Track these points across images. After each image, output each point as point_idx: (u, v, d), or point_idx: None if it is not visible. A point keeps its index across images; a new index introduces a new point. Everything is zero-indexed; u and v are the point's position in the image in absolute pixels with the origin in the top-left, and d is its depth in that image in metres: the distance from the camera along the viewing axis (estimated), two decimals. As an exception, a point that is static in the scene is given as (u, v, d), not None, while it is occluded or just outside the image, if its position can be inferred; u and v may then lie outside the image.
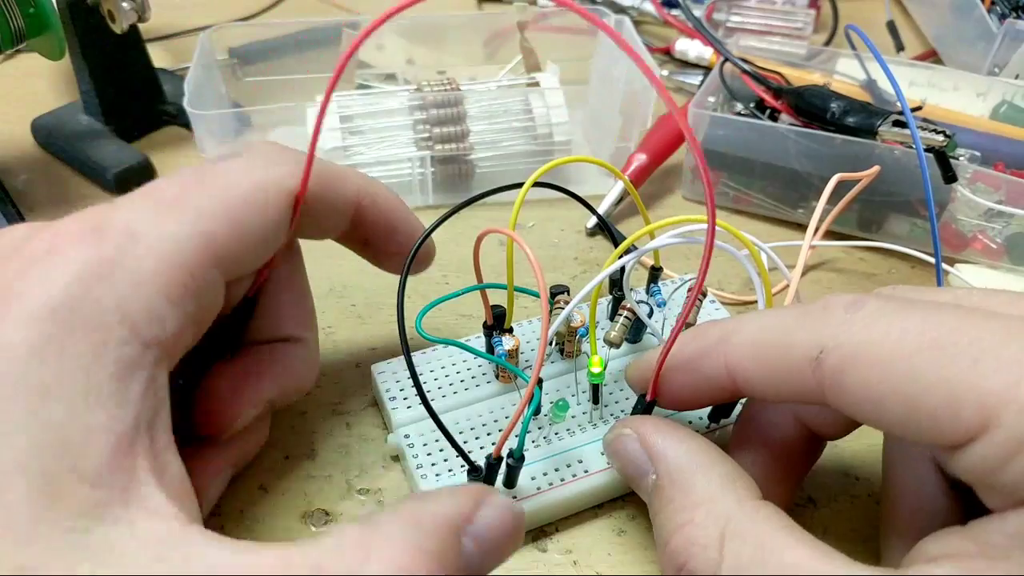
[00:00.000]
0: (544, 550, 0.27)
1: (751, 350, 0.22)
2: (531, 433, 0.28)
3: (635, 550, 0.27)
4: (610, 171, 0.29)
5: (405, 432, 0.28)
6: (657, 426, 0.24)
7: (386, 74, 0.50)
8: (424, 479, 0.27)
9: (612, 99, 0.43)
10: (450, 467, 0.27)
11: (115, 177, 0.43)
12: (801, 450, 0.25)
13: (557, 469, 0.28)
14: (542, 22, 0.50)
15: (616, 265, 0.27)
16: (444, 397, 0.30)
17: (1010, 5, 0.53)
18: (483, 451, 0.28)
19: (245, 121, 0.45)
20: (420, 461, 0.28)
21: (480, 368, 0.31)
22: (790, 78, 0.46)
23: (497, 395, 0.30)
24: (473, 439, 0.29)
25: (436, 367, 0.31)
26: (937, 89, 0.47)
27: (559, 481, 0.27)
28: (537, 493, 0.27)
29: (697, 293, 0.24)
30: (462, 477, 0.27)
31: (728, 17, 0.60)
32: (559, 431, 0.29)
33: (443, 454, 0.28)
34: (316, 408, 0.31)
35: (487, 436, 0.29)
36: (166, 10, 0.59)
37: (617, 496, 0.28)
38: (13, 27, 0.38)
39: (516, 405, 0.28)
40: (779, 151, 0.41)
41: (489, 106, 0.43)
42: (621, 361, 0.31)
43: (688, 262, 0.39)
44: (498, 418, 0.29)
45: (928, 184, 0.33)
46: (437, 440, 0.28)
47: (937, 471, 0.23)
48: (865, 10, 0.64)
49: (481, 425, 0.29)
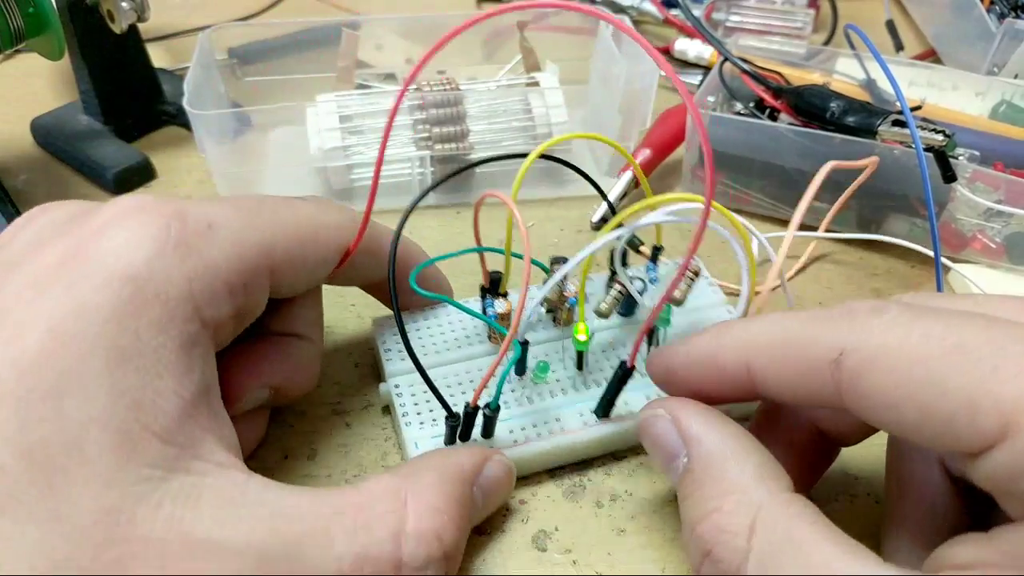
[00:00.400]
0: (544, 550, 0.27)
1: (771, 349, 0.22)
2: (515, 392, 0.30)
3: (635, 550, 0.27)
4: (617, 150, 0.29)
5: (396, 382, 0.30)
6: (694, 409, 0.24)
7: (386, 74, 0.50)
8: (408, 426, 0.29)
9: (612, 99, 0.43)
10: (434, 418, 0.29)
11: (115, 177, 0.43)
12: (815, 454, 0.26)
13: (535, 425, 0.29)
14: (542, 22, 0.50)
15: (611, 236, 0.27)
16: (437, 353, 0.31)
17: (1009, 5, 0.53)
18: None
19: (245, 121, 0.45)
20: (407, 410, 0.29)
21: (475, 329, 0.32)
22: (789, 78, 0.46)
23: (487, 355, 0.31)
24: (459, 393, 0.30)
25: (433, 325, 0.32)
26: (936, 89, 0.47)
27: (535, 436, 0.28)
28: (513, 445, 0.28)
29: (684, 268, 0.25)
30: (439, 428, 0.28)
31: (727, 17, 0.60)
32: (541, 392, 0.30)
33: (428, 405, 0.29)
34: (316, 408, 0.31)
35: (472, 391, 0.30)
36: (166, 10, 0.59)
37: (590, 457, 0.30)
38: (13, 27, 0.38)
39: (503, 365, 0.29)
40: (778, 150, 0.41)
41: (489, 106, 0.43)
42: (611, 332, 0.32)
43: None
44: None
45: (927, 183, 0.33)
46: (424, 392, 0.29)
47: (943, 471, 0.23)
48: (865, 10, 0.64)
49: (469, 381, 0.30)
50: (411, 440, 0.28)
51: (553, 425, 0.29)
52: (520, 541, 0.27)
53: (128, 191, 0.23)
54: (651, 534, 0.27)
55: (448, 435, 0.28)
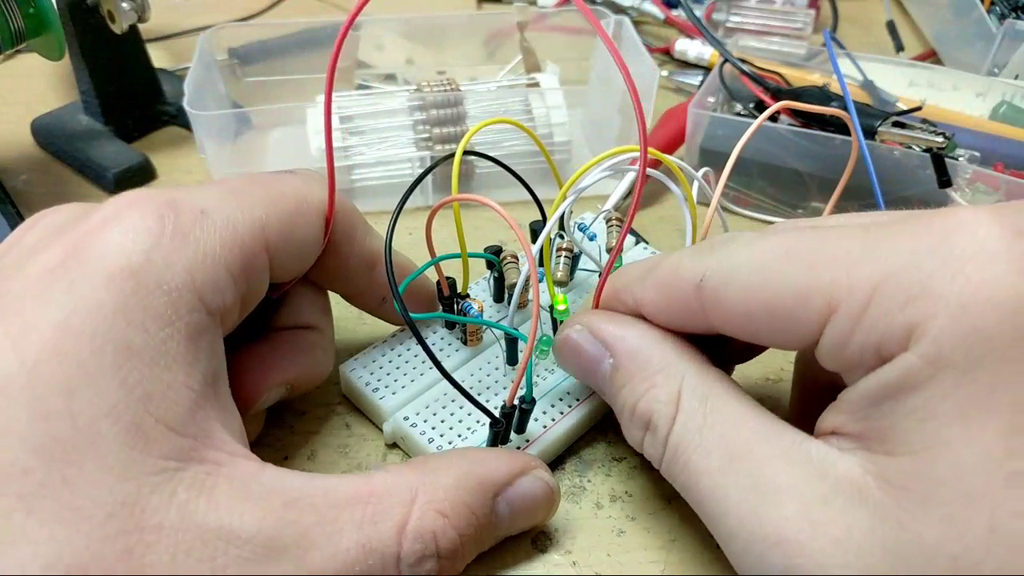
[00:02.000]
0: (544, 550, 0.27)
1: (651, 284, 0.25)
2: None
3: (635, 550, 0.27)
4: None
5: (403, 415, 0.29)
6: (606, 316, 0.26)
7: (386, 74, 0.50)
8: (440, 450, 0.28)
9: (612, 99, 0.43)
10: (458, 432, 0.28)
11: (115, 177, 0.43)
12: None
13: (553, 406, 0.29)
14: (542, 23, 0.50)
15: (567, 203, 0.29)
16: (422, 375, 0.30)
17: (1010, 5, 0.53)
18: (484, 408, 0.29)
19: (245, 121, 0.45)
20: (430, 436, 0.28)
21: (445, 340, 0.32)
22: (789, 78, 0.46)
23: (470, 359, 0.31)
24: (465, 402, 0.29)
25: (402, 351, 0.31)
26: (937, 89, 0.47)
27: (559, 415, 0.29)
28: (544, 432, 0.29)
29: (631, 220, 0.26)
30: (474, 438, 0.28)
31: (728, 17, 0.60)
32: (542, 373, 0.31)
33: (445, 424, 0.29)
34: (316, 408, 0.31)
35: (480, 396, 0.29)
36: (166, 10, 0.59)
37: (601, 419, 0.31)
38: (13, 27, 0.38)
39: (491, 363, 0.31)
40: (778, 151, 0.41)
41: (489, 106, 0.43)
42: (569, 298, 0.33)
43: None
44: (481, 378, 0.30)
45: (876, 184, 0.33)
46: (435, 413, 0.29)
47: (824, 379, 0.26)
48: (865, 10, 0.65)
49: (470, 388, 0.30)
50: None
51: (568, 400, 0.30)
52: (520, 541, 0.27)
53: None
54: (651, 535, 0.27)
55: (491, 442, 0.27)
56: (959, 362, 0.18)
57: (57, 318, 0.20)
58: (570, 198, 0.29)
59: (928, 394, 0.19)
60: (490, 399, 0.30)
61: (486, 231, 0.41)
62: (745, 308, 0.22)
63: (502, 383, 0.30)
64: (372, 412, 0.30)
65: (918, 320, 0.19)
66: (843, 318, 0.20)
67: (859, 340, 0.20)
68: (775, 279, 0.21)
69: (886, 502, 0.19)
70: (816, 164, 0.40)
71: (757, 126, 0.28)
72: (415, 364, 0.31)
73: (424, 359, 0.31)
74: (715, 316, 0.23)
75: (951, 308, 0.18)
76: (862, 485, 0.20)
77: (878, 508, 0.19)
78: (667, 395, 0.24)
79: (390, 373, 0.30)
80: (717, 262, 0.23)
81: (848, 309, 0.20)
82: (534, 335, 0.25)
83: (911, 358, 0.19)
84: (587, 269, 0.35)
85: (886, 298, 0.19)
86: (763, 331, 0.22)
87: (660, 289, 0.25)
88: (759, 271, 0.22)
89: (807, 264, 0.21)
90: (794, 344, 0.22)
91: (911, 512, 0.19)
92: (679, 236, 0.41)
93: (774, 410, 0.23)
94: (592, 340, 0.26)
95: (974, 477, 0.18)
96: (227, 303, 0.23)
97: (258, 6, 0.63)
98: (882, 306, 0.19)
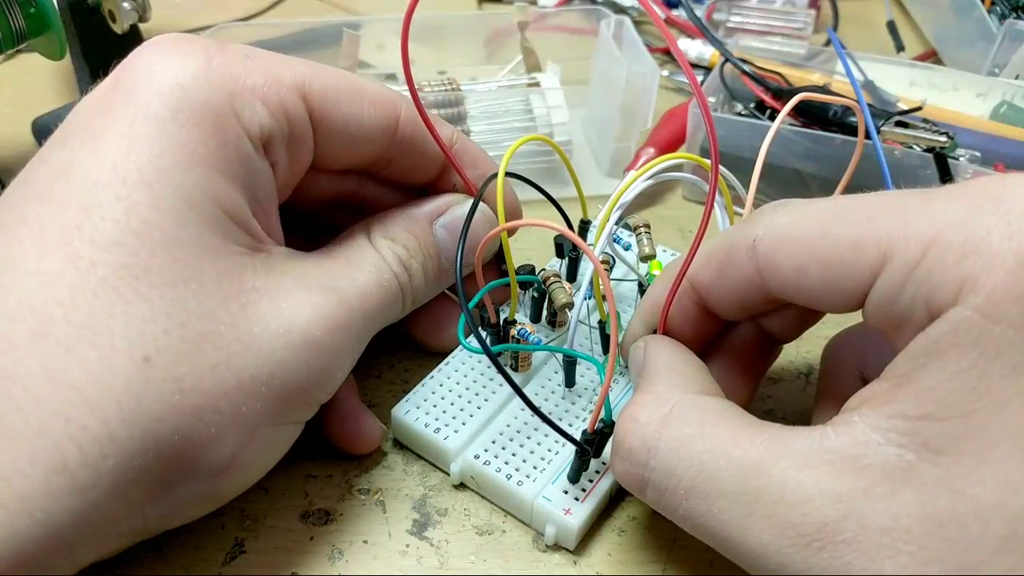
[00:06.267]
0: (544, 550, 0.27)
1: (703, 261, 0.25)
2: (565, 400, 0.30)
3: (635, 550, 0.27)
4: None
5: (473, 453, 0.28)
6: (658, 339, 0.27)
7: (386, 74, 0.50)
8: (521, 485, 0.27)
9: (612, 99, 0.43)
10: (533, 463, 0.28)
11: (115, 177, 0.43)
12: (757, 355, 0.28)
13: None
14: (543, 22, 0.50)
15: (609, 227, 0.29)
16: (479, 408, 0.29)
17: (1010, 5, 0.53)
18: (549, 437, 0.28)
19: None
20: (507, 472, 0.27)
21: (489, 369, 0.30)
22: (790, 78, 0.46)
23: (524, 385, 0.30)
24: (534, 431, 0.28)
25: (452, 385, 0.30)
26: (937, 89, 0.47)
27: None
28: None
29: (705, 223, 0.25)
30: (551, 468, 0.27)
31: (728, 17, 0.60)
32: (580, 393, 0.30)
33: (518, 457, 0.28)
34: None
35: (539, 421, 0.27)
36: (166, 10, 0.59)
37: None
38: (14, 27, 0.38)
39: (545, 387, 0.30)
40: (779, 151, 0.41)
41: (489, 106, 0.43)
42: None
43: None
44: (539, 403, 0.29)
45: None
46: (504, 447, 0.28)
47: (856, 370, 0.26)
48: (865, 10, 0.64)
49: (531, 416, 0.28)
50: (535, 498, 0.27)
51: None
52: (520, 541, 0.27)
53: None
54: (651, 534, 0.27)
55: (577, 469, 0.27)
56: (1015, 317, 0.18)
57: (120, 128, 0.22)
58: (616, 212, 0.29)
59: (980, 350, 0.18)
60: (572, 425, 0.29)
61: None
62: (798, 262, 0.22)
63: (562, 407, 0.30)
64: (435, 454, 0.29)
65: (973, 274, 0.18)
66: (896, 269, 0.20)
67: (910, 293, 0.20)
68: (831, 231, 0.22)
69: (935, 474, 0.19)
70: (817, 164, 0.40)
71: (780, 120, 0.28)
72: (469, 397, 0.30)
73: (478, 391, 0.30)
74: (769, 275, 0.23)
75: (1008, 263, 0.18)
76: (902, 465, 0.19)
77: (927, 482, 0.19)
78: (647, 417, 0.24)
79: (446, 411, 0.29)
80: (770, 222, 0.23)
81: (902, 260, 0.20)
82: (613, 356, 0.25)
83: (964, 312, 0.19)
84: (622, 279, 0.35)
85: (941, 251, 0.19)
86: (816, 288, 0.22)
87: (711, 262, 0.25)
88: (815, 225, 0.22)
89: (865, 216, 0.21)
90: (843, 301, 0.22)
91: (963, 477, 0.18)
92: (680, 236, 0.41)
93: (774, 410, 0.23)
94: (643, 356, 0.27)
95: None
96: (265, 133, 0.24)
97: (258, 6, 0.63)
98: (936, 259, 0.19)
